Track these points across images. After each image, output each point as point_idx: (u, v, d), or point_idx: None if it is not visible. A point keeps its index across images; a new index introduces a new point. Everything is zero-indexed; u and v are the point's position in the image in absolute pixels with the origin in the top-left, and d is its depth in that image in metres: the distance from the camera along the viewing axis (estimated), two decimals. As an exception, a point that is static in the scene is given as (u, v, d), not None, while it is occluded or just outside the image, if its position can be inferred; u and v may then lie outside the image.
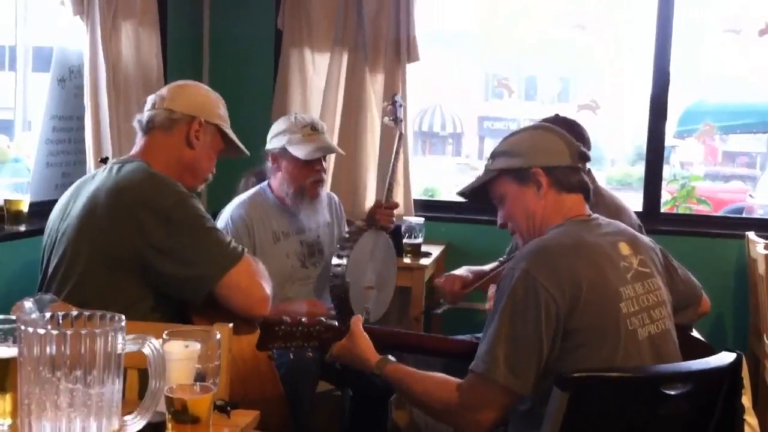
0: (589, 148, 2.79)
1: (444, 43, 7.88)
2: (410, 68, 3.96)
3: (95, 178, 2.21)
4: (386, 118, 3.12)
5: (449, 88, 9.31)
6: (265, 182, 2.97)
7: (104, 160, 2.34)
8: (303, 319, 1.93)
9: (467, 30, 8.30)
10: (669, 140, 5.45)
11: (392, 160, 3.08)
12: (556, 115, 2.84)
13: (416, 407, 1.98)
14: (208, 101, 2.34)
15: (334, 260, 2.86)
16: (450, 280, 2.77)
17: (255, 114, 4.03)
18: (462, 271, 2.83)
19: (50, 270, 2.18)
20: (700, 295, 2.14)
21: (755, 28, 4.82)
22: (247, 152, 2.44)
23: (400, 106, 3.15)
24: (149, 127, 2.27)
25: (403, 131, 3.20)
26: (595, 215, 1.94)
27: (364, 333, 1.95)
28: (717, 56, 8.08)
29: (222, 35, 4.28)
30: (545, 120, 2.79)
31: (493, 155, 1.99)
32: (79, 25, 3.03)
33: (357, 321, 1.98)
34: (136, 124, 2.32)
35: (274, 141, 2.88)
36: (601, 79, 9.19)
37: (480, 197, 2.04)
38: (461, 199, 2.14)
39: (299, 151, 2.81)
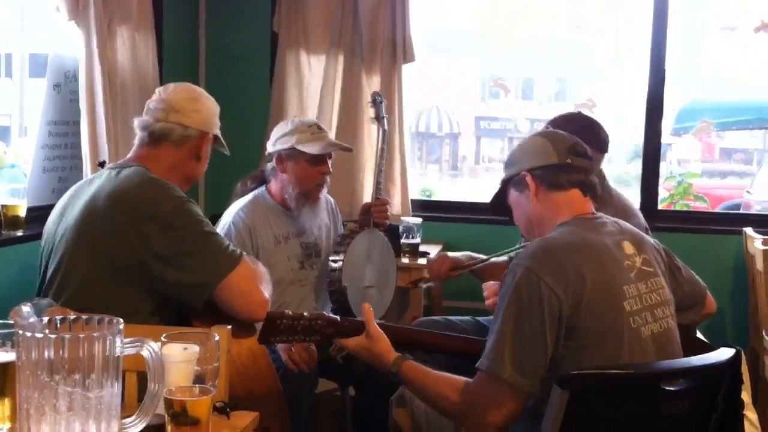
0: (605, 145, 2.76)
1: (441, 43, 7.89)
2: (406, 69, 3.97)
3: (92, 182, 2.20)
4: (370, 116, 3.15)
5: (446, 89, 9.31)
6: (263, 187, 2.95)
7: (102, 164, 2.33)
8: (305, 314, 1.93)
9: (464, 29, 8.31)
10: (666, 138, 5.46)
11: (378, 157, 3.10)
12: (579, 112, 2.90)
13: (429, 407, 1.98)
14: (214, 113, 2.35)
15: (329, 265, 2.87)
16: (440, 260, 2.84)
17: (252, 117, 4.04)
18: (459, 254, 2.89)
19: (48, 274, 2.17)
20: (705, 295, 2.13)
21: (751, 25, 4.84)
22: (227, 152, 2.46)
23: (381, 102, 3.17)
24: (160, 140, 2.25)
25: (386, 128, 3.21)
26: (600, 214, 1.94)
27: (381, 331, 1.94)
28: (713, 54, 8.09)
29: (218, 39, 4.28)
30: (563, 116, 2.76)
31: (504, 168, 2.07)
32: (75, 30, 3.02)
33: (371, 318, 1.95)
34: (136, 128, 2.29)
35: (279, 143, 2.84)
36: (598, 78, 9.19)
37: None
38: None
39: (312, 148, 2.79)
